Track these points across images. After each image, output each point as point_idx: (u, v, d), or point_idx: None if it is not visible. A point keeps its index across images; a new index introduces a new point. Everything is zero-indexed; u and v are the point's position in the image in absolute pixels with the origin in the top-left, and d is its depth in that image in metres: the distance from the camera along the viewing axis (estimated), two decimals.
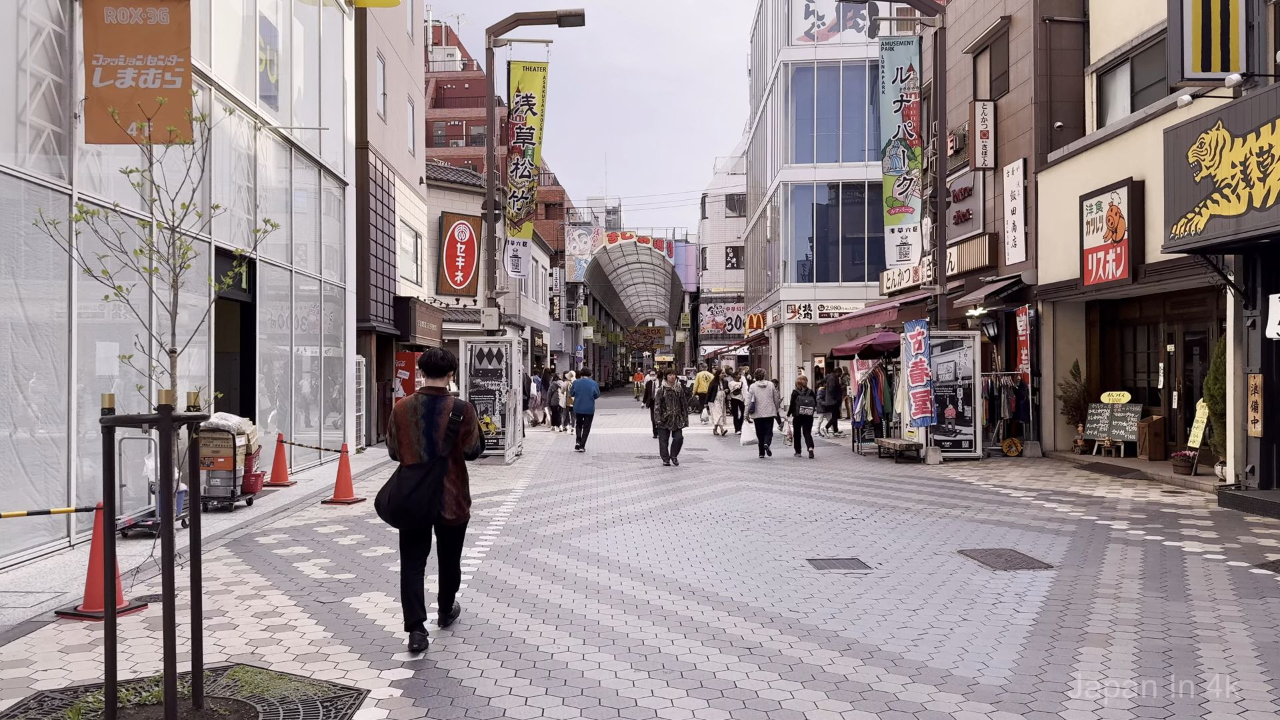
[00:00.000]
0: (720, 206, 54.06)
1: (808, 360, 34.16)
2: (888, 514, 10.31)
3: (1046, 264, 15.82)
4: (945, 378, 15.53)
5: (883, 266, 32.69)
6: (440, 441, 5.30)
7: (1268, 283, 10.43)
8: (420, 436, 5.31)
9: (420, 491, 5.20)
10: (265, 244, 12.72)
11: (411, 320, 20.37)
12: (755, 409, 16.58)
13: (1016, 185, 16.93)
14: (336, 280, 15.98)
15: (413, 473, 5.28)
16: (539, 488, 12.61)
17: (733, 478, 13.78)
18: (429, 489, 5.23)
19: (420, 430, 5.32)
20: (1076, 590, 6.82)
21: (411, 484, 5.22)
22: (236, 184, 11.80)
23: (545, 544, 8.55)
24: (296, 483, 12.51)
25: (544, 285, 46.68)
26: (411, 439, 5.34)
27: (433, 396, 5.41)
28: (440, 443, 5.30)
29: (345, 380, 16.42)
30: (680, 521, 9.86)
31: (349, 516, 10.05)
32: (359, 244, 17.66)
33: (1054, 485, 12.46)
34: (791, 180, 33.37)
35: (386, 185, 19.84)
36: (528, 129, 16.82)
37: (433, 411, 5.34)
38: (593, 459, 16.64)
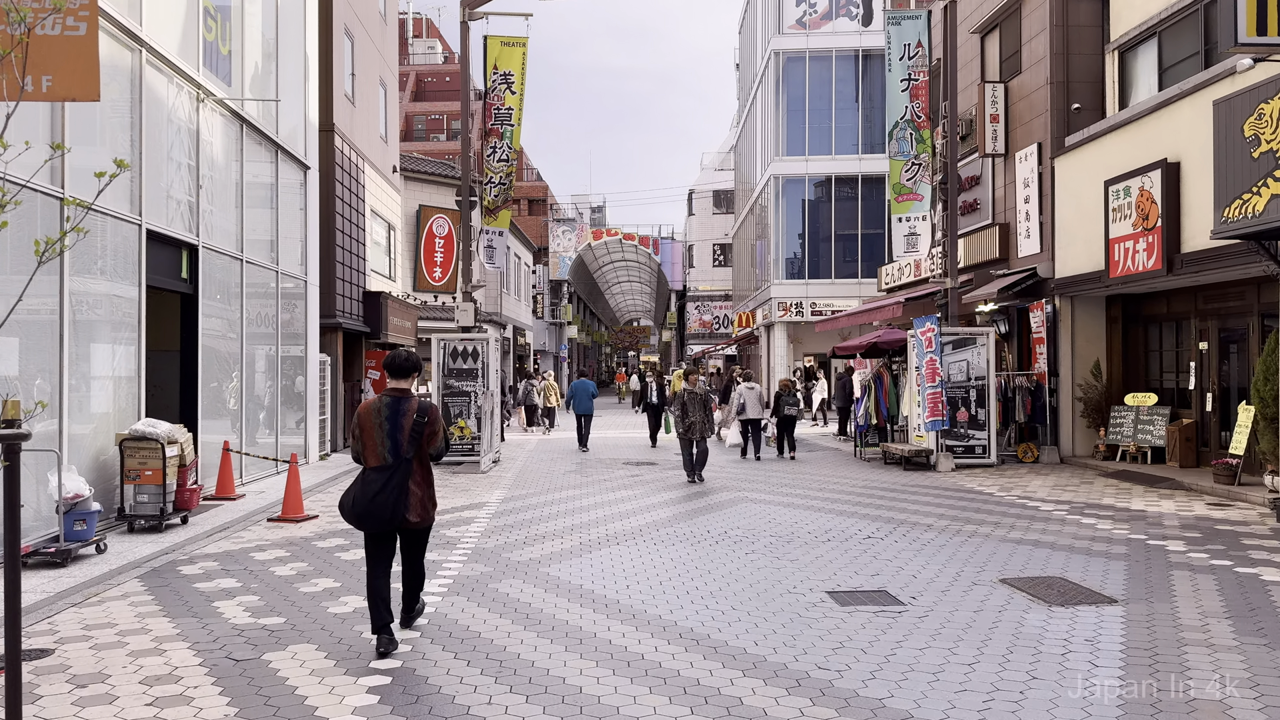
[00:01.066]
0: (707, 203, 52.87)
1: (799, 360, 33.02)
2: (908, 531, 9.13)
3: (1065, 255, 14.71)
4: (957, 378, 14.38)
5: (878, 262, 31.62)
6: (405, 443, 5.23)
7: None
8: (385, 438, 5.23)
9: (385, 494, 5.14)
10: (212, 229, 11.42)
11: (383, 317, 19.06)
12: (743, 410, 16.24)
13: (1030, 172, 15.81)
14: (296, 272, 14.67)
15: (377, 475, 5.20)
16: (516, 501, 11.36)
17: (729, 487, 12.58)
18: (394, 491, 5.17)
19: (384, 432, 5.24)
20: (1157, 635, 5.65)
21: (376, 487, 5.16)
22: (175, 161, 10.50)
23: (519, 573, 7.31)
24: (245, 495, 11.21)
25: (527, 282, 45.37)
26: (376, 441, 5.25)
27: (397, 398, 5.33)
28: (405, 444, 5.23)
29: (307, 381, 15.11)
30: (675, 542, 8.64)
31: (294, 539, 8.77)
32: (323, 234, 16.36)
33: (1084, 496, 11.32)
34: (783, 173, 32.22)
35: (355, 172, 18.54)
36: (506, 109, 15.57)
37: (397, 413, 5.26)
38: (576, 466, 15.40)
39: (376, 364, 19.26)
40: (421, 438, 5.28)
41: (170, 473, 8.85)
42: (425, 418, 5.30)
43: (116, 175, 3.98)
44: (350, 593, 6.63)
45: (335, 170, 17.13)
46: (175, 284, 10.60)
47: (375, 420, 5.28)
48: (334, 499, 11.45)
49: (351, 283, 18.16)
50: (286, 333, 14.31)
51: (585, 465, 15.46)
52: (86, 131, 8.66)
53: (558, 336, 54.65)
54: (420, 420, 5.27)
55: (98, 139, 8.96)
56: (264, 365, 13.47)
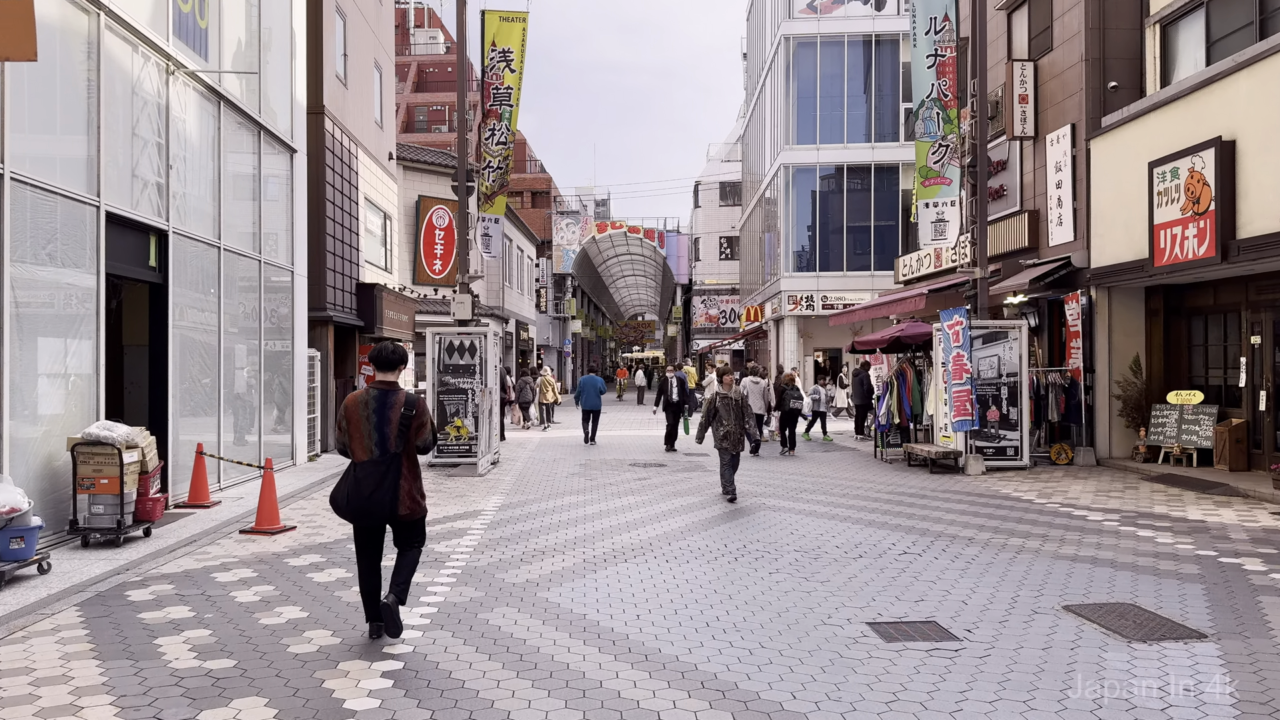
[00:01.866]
0: (714, 195, 51.88)
1: (809, 355, 32.11)
2: (947, 546, 8.22)
3: (1101, 243, 13.76)
4: (987, 374, 13.45)
5: (891, 255, 30.67)
6: (393, 437, 5.22)
7: None
8: (372, 431, 5.22)
9: (380, 491, 5.17)
10: (185, 214, 10.53)
11: (377, 310, 18.17)
12: None
13: (1062, 155, 14.85)
14: (282, 262, 13.77)
15: (369, 470, 5.20)
16: (515, 508, 10.46)
17: (745, 492, 11.67)
18: (389, 489, 5.18)
19: (372, 425, 5.23)
20: (1270, 683, 4.74)
21: (371, 484, 5.17)
22: (142, 138, 9.60)
23: (514, 599, 6.41)
24: (220, 503, 10.33)
25: (530, 276, 44.46)
26: (363, 434, 5.24)
27: (384, 391, 5.30)
28: (393, 438, 5.22)
29: (294, 377, 14.22)
30: (690, 559, 7.74)
31: (265, 554, 7.88)
32: (312, 222, 15.46)
33: (1132, 504, 10.40)
34: (793, 163, 31.25)
35: (347, 158, 17.63)
36: (505, 89, 14.64)
37: (384, 406, 5.23)
38: (580, 468, 14.51)
39: None
40: (409, 430, 5.25)
41: (129, 480, 7.97)
42: (413, 410, 5.26)
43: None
44: (318, 625, 5.74)
45: (325, 155, 16.22)
46: (142, 272, 9.70)
47: (362, 413, 5.25)
48: (321, 504, 10.57)
49: (344, 274, 17.26)
50: (272, 326, 13.43)
51: (590, 467, 14.57)
52: (34, 101, 7.77)
53: (562, 331, 53.75)
54: (407, 413, 5.23)
55: (45, 109, 8.07)
56: (246, 360, 12.58)
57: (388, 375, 5.39)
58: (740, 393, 10.90)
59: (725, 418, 10.62)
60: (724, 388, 10.84)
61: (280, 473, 13.08)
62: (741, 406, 10.71)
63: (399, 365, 5.44)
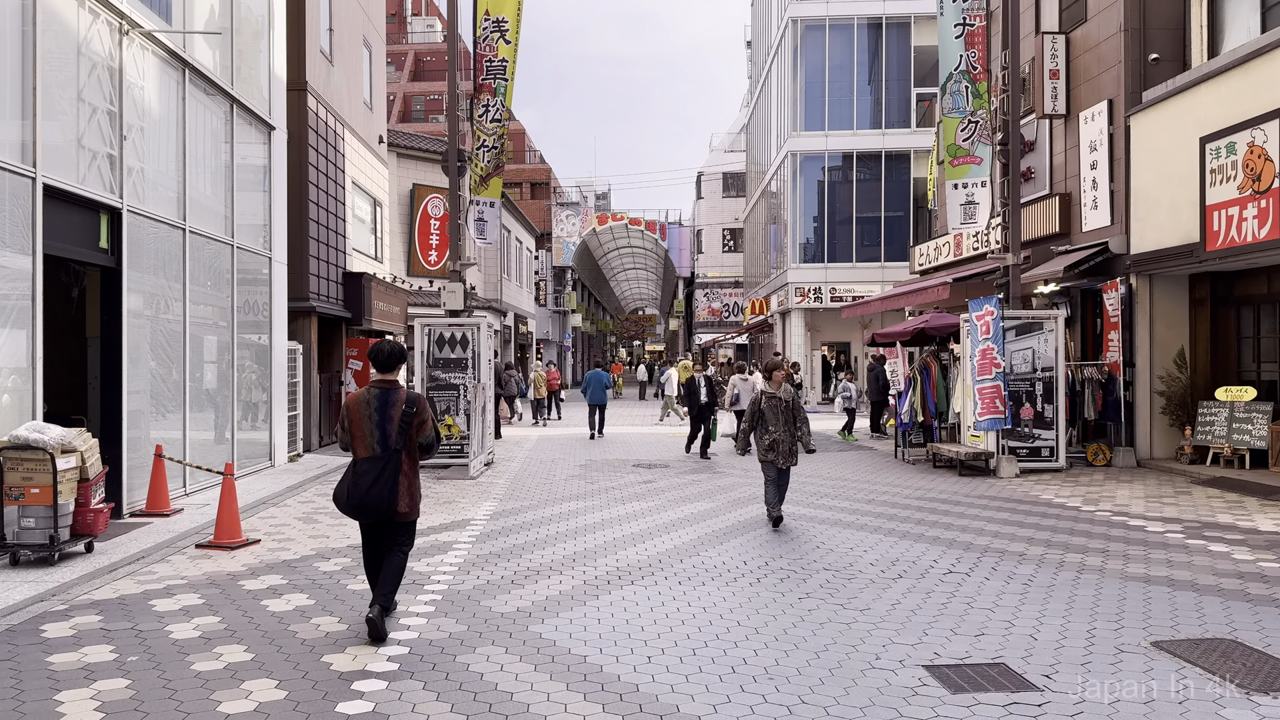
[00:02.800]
0: (717, 185, 50.84)
1: (817, 348, 31.11)
2: (997, 563, 7.23)
3: (1143, 227, 12.74)
4: (1021, 368, 12.45)
5: (901, 245, 29.68)
6: (394, 434, 5.25)
7: None
8: (374, 429, 5.26)
9: (379, 486, 5.18)
10: (143, 191, 9.52)
11: (365, 300, 17.17)
12: (738, 402, 15.79)
13: (1098, 133, 13.84)
14: (258, 247, 12.76)
15: (369, 466, 5.23)
16: (507, 517, 9.46)
17: (757, 496, 10.67)
18: (387, 483, 5.20)
19: (373, 423, 5.26)
20: None
21: (370, 479, 5.19)
22: (90, 104, 8.59)
23: (501, 634, 5.42)
24: (183, 510, 9.35)
25: (529, 268, 43.45)
26: (365, 432, 5.28)
27: (385, 389, 5.34)
28: (394, 435, 5.25)
29: (272, 372, 13.22)
30: (706, 579, 6.75)
31: (219, 575, 6.88)
32: (293, 205, 14.46)
33: (1191, 512, 9.40)
34: (800, 150, 30.20)
35: (332, 139, 16.61)
36: (499, 61, 13.60)
37: (385, 404, 5.28)
38: (580, 469, 13.52)
39: (359, 353, 17.39)
40: (410, 428, 5.28)
41: (65, 490, 6.97)
42: (414, 408, 5.29)
43: None
44: (262, 671, 4.75)
45: (308, 134, 15.21)
46: (91, 255, 8.70)
47: (364, 412, 5.28)
48: (295, 511, 9.59)
49: (329, 262, 16.26)
50: (247, 317, 12.44)
51: (590, 468, 13.58)
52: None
53: (561, 325, 52.72)
54: (409, 411, 5.27)
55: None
56: (218, 354, 11.58)
57: (387, 374, 5.40)
58: (790, 392, 8.81)
59: (772, 423, 8.67)
60: (772, 385, 8.85)
61: (256, 475, 12.11)
62: (793, 410, 8.73)
63: (399, 364, 5.44)
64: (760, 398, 8.83)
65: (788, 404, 8.76)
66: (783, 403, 8.75)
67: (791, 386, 14.47)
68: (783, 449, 8.67)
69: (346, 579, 6.70)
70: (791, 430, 8.72)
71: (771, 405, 8.74)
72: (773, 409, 8.73)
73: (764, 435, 8.73)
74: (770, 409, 8.74)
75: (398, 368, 5.47)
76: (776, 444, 8.66)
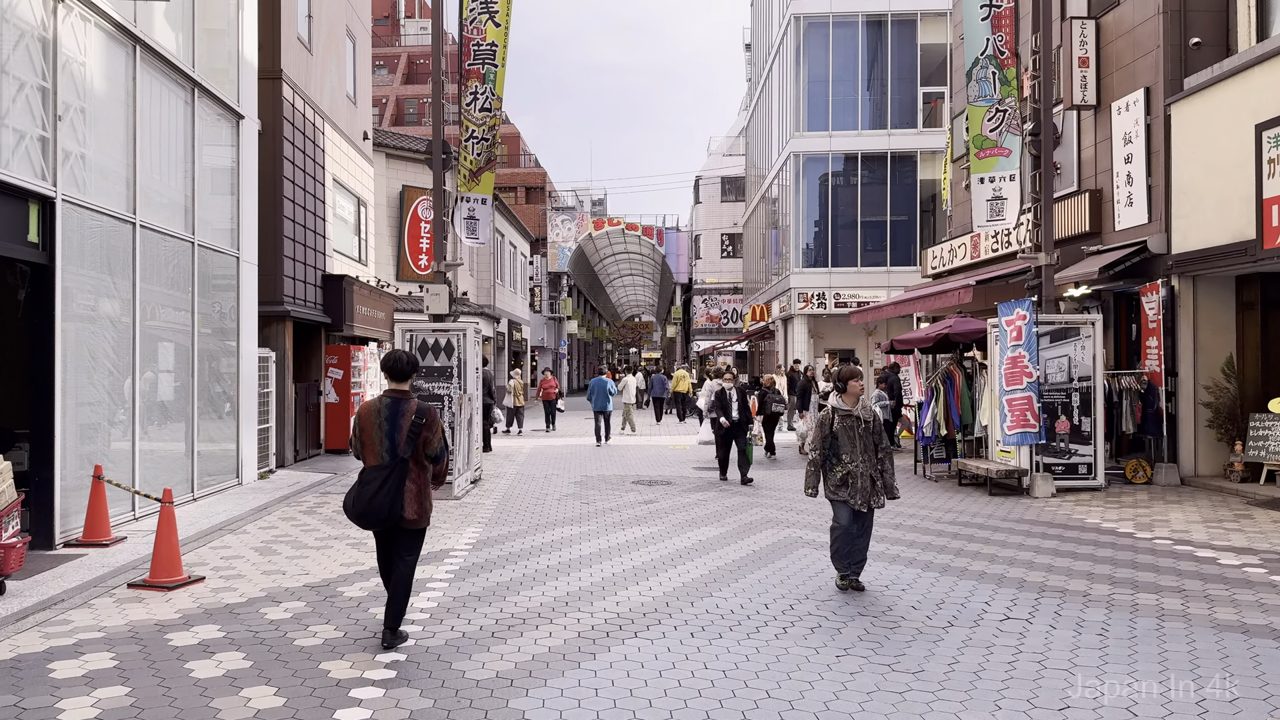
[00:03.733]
0: (715, 190, 49.87)
1: (820, 356, 30.06)
2: (1059, 606, 6.19)
3: (1186, 225, 11.74)
4: (1056, 378, 11.43)
5: (909, 249, 28.70)
6: (402, 444, 5.27)
7: None
8: (383, 438, 5.29)
9: (383, 494, 5.20)
10: (84, 179, 8.47)
11: (346, 305, 16.10)
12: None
13: (1133, 124, 12.84)
14: (224, 245, 11.72)
15: (375, 474, 5.25)
16: (492, 547, 8.39)
17: (771, 519, 9.65)
18: (391, 491, 5.22)
19: (383, 432, 5.29)
20: None
21: (374, 487, 5.21)
22: (15, 78, 7.54)
23: (474, 711, 4.36)
24: (126, 539, 8.28)
25: (524, 274, 42.39)
26: (375, 440, 5.31)
27: (396, 399, 5.38)
28: (402, 445, 5.27)
29: (240, 381, 12.16)
30: (723, 628, 5.70)
31: (145, 625, 5.80)
32: (266, 201, 13.42)
33: (1261, 540, 8.36)
34: (803, 151, 29.23)
35: (311, 132, 15.58)
36: (488, 45, 12.57)
37: (396, 414, 5.32)
38: (575, 486, 12.46)
39: (339, 360, 16.32)
40: (419, 439, 5.31)
41: None
42: (423, 419, 5.34)
43: None
44: None
45: (284, 126, 14.16)
46: (17, 250, 7.63)
47: (375, 420, 5.34)
48: (254, 539, 8.52)
49: (306, 264, 15.20)
50: (211, 321, 11.39)
51: (586, 486, 12.52)
52: None
53: (557, 332, 51.66)
54: (418, 421, 5.32)
55: None
56: (175, 361, 10.52)
57: (400, 384, 5.45)
58: (871, 410, 6.88)
59: (847, 449, 6.58)
60: (847, 400, 6.72)
61: (220, 495, 11.03)
62: (875, 434, 6.68)
63: (411, 374, 5.49)
64: (830, 417, 6.71)
65: (868, 425, 6.64)
66: (861, 424, 6.63)
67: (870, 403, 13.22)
68: (861, 484, 6.56)
69: (295, 631, 5.63)
70: (873, 460, 6.60)
71: (846, 427, 6.63)
72: (848, 432, 6.61)
73: (835, 467, 6.65)
74: (845, 432, 6.62)
75: (411, 377, 5.51)
76: (852, 478, 6.57)
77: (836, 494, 6.66)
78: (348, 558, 7.74)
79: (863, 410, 6.73)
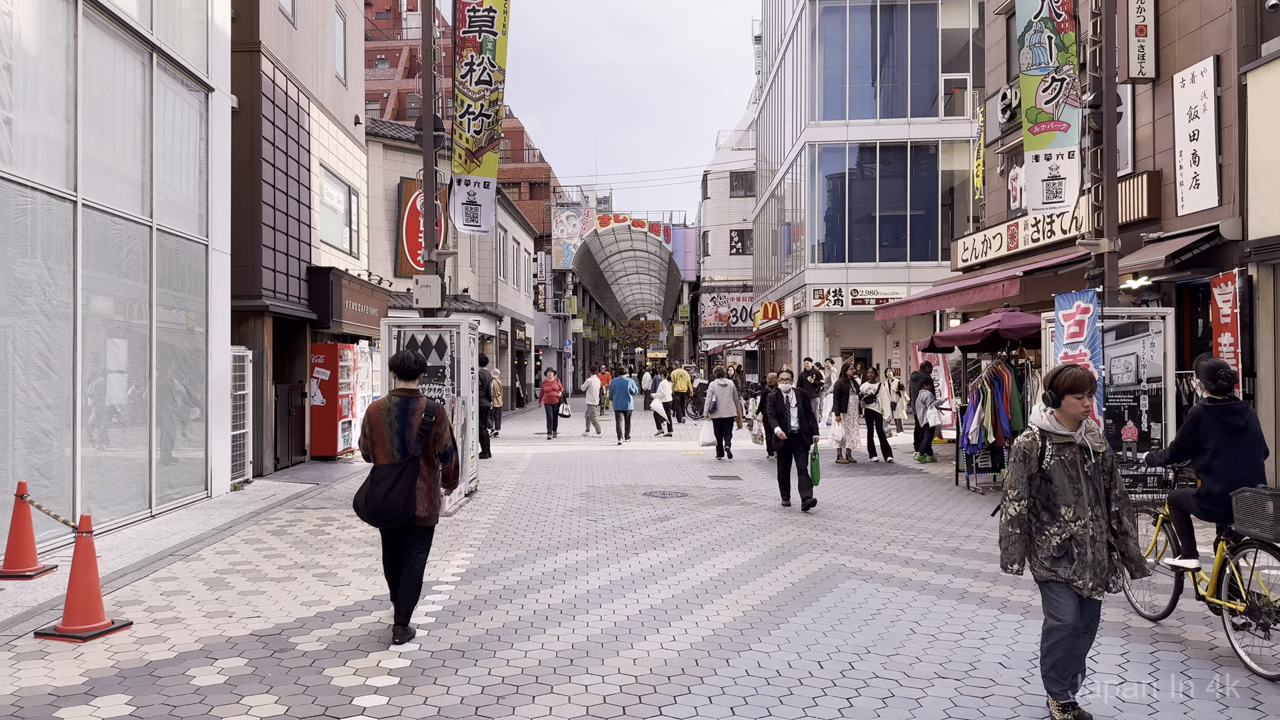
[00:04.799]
0: (724, 185, 48.60)
1: (835, 355, 28.79)
2: (1183, 663, 4.94)
3: (1266, 208, 10.47)
4: (1122, 379, 10.16)
5: (929, 243, 27.42)
6: (412, 442, 5.34)
7: None
8: (394, 437, 5.35)
9: (395, 492, 5.27)
10: (8, 148, 7.26)
11: (334, 300, 14.89)
12: (716, 408, 15.58)
13: (1200, 98, 11.58)
14: (189, 230, 10.51)
15: (387, 473, 5.32)
16: (483, 579, 7.16)
17: (806, 541, 8.42)
18: (403, 490, 5.28)
19: (394, 431, 5.36)
20: None
21: (386, 485, 5.28)
22: None
23: None
24: (56, 568, 7.06)
25: (527, 271, 41.19)
26: (385, 439, 5.37)
27: (405, 398, 5.46)
28: (412, 443, 5.34)
29: (209, 383, 10.95)
30: (771, 699, 4.46)
31: (37, 695, 4.55)
32: (242, 184, 12.22)
33: None
34: (818, 141, 27.96)
35: (295, 113, 14.37)
36: (485, 10, 11.34)
37: (405, 413, 5.38)
38: (581, 500, 11.24)
39: (326, 360, 15.11)
40: (429, 437, 5.36)
41: None
42: (433, 418, 5.39)
43: None
44: None
45: (263, 104, 12.95)
46: None
47: (385, 419, 5.38)
48: (206, 568, 7.31)
49: (289, 254, 13.99)
50: (173, 315, 10.18)
51: (594, 498, 11.30)
52: None
53: (562, 331, 50.45)
54: (428, 420, 5.37)
55: None
56: (129, 359, 9.32)
57: (409, 383, 5.51)
58: (1102, 438, 4.34)
59: (1066, 497, 4.18)
60: (1064, 421, 4.24)
61: (183, 510, 9.83)
62: (1107, 471, 4.29)
63: (419, 373, 5.58)
64: (1039, 446, 4.23)
65: (1100, 460, 4.24)
66: (1091, 458, 4.22)
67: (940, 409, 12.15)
68: (1094, 555, 4.15)
69: (226, 705, 4.40)
70: (1105, 514, 4.23)
71: (1066, 462, 4.20)
72: (1069, 470, 4.19)
73: (1049, 523, 4.20)
74: (1063, 470, 4.19)
75: (419, 376, 5.58)
76: (1079, 546, 4.15)
77: (1053, 569, 4.17)
78: (311, 593, 6.52)
79: (1090, 437, 4.26)
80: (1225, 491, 5.32)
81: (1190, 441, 5.72)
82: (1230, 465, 5.45)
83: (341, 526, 9.19)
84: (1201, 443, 5.62)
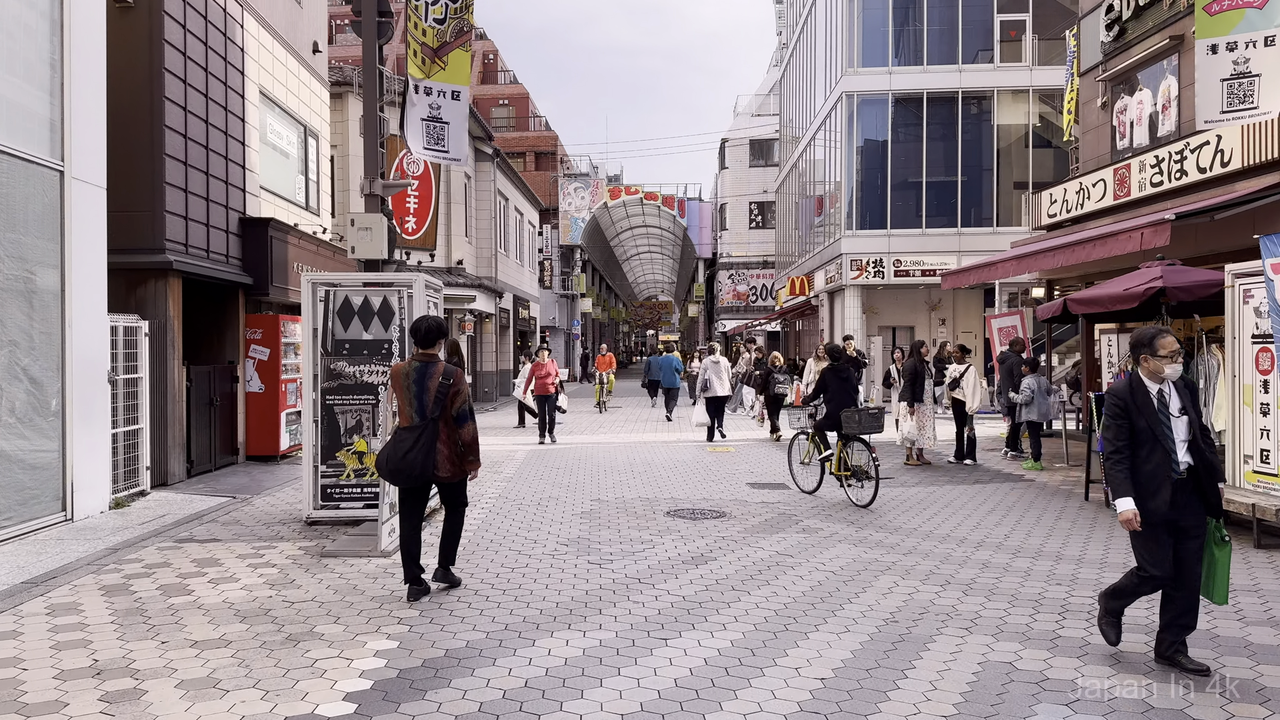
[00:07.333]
0: (743, 153, 45.28)
1: (874, 334, 25.62)
2: None
3: None
4: None
5: (983, 206, 24.19)
6: (430, 404, 5.50)
7: None
8: (413, 399, 5.52)
9: (415, 452, 5.42)
10: None
11: (271, 260, 11.85)
12: (708, 387, 15.03)
13: None
14: (30, 149, 7.49)
15: (407, 434, 5.50)
16: (394, 709, 4.11)
17: (882, 563, 5.42)
18: (422, 450, 5.43)
19: (413, 394, 5.52)
20: None
21: (406, 445, 5.45)
22: None
23: None
24: None
25: (532, 245, 38.11)
26: (405, 402, 5.56)
27: (425, 362, 5.60)
28: (430, 405, 5.50)
29: (66, 363, 7.94)
30: None
31: None
32: (132, 98, 9.19)
33: None
34: (857, 91, 24.73)
35: (221, 21, 11.29)
36: None
37: (424, 376, 5.54)
38: (584, 520, 8.20)
39: (265, 335, 12.07)
40: (446, 399, 5.51)
41: None
42: (450, 380, 5.54)
43: None
44: None
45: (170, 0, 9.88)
46: None
47: (404, 383, 5.55)
48: (73, 601, 4.25)
49: (210, 199, 10.95)
50: (7, 270, 7.17)
51: (598, 520, 8.25)
52: None
53: (570, 310, 47.35)
54: (445, 383, 5.52)
55: None
56: None
57: (429, 349, 5.63)
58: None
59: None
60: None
61: (17, 542, 6.81)
62: None
63: (439, 340, 5.66)
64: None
65: None
66: None
67: None
68: None
69: None
70: None
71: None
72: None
73: None
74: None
75: (438, 343, 5.65)
76: None
77: None
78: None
79: None
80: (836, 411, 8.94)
81: None
82: None
83: (222, 576, 6.18)
84: None
